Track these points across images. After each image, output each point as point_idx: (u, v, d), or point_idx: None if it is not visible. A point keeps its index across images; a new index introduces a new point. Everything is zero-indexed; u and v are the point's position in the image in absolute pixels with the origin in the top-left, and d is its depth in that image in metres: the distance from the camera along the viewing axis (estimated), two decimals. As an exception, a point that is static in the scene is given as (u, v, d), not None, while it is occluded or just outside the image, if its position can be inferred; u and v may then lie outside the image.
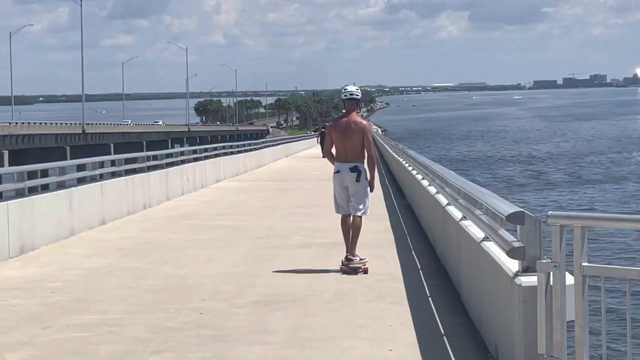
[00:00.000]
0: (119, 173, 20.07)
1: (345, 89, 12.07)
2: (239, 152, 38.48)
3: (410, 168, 21.91)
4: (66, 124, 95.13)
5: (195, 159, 28.54)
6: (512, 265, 6.52)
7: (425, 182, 16.56)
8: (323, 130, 59.99)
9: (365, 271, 11.44)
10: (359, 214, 11.66)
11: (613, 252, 26.09)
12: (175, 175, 24.47)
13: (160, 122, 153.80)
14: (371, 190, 11.89)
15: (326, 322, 8.69)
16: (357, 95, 12.03)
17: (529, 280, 6.01)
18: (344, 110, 12.07)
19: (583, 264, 5.46)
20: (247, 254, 13.41)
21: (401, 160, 27.55)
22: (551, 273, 5.71)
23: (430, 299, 9.83)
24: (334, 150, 12.02)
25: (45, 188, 15.88)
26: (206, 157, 30.35)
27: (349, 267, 11.51)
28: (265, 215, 19.46)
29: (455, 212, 10.78)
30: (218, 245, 14.44)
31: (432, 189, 14.70)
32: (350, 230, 11.67)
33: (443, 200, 12.54)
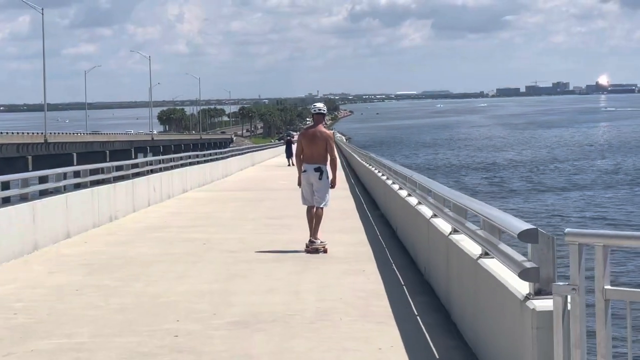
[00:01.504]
0: (84, 184, 19.38)
1: (314, 106, 15.07)
2: (205, 161, 37.79)
3: (385, 177, 21.38)
4: (28, 133, 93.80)
5: (162, 169, 27.86)
6: (520, 286, 5.99)
7: (403, 192, 16.03)
8: (289, 139, 59.70)
9: (325, 251, 14.19)
10: (321, 205, 14.58)
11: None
12: (141, 185, 23.80)
13: (155, 132, 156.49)
14: (332, 187, 14.82)
15: (310, 345, 8.11)
16: (323, 110, 15.05)
17: (543, 304, 5.47)
18: (310, 122, 15.19)
19: (605, 287, 4.95)
20: (220, 269, 12.81)
21: (373, 169, 27.01)
22: (569, 297, 5.19)
23: (418, 318, 9.28)
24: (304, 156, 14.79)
25: (6, 201, 15.21)
26: (173, 167, 29.69)
27: (312, 248, 14.22)
28: (236, 227, 18.86)
29: (443, 225, 10.26)
30: (189, 260, 13.81)
31: (413, 200, 14.17)
32: (314, 218, 14.48)
33: (427, 212, 12.01)
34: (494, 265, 7.00)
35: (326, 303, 10.05)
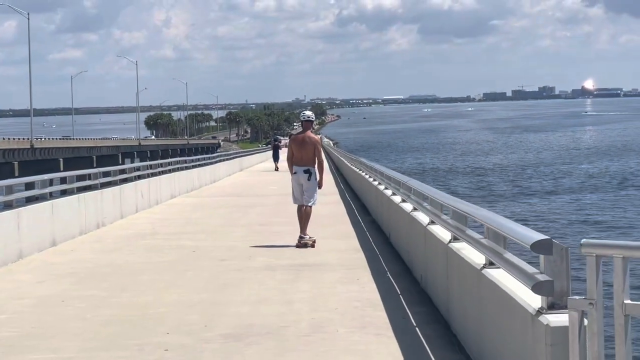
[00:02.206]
0: (70, 190, 19.01)
1: (304, 113, 16.64)
2: (193, 166, 37.40)
3: (376, 183, 21.05)
4: (14, 138, 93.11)
5: (150, 174, 27.50)
6: (530, 299, 5.67)
7: (397, 198, 15.71)
8: (276, 143, 59.36)
9: (313, 245, 15.60)
10: (309, 204, 16.07)
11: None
12: (129, 191, 23.43)
13: (152, 137, 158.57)
14: (319, 188, 16.21)
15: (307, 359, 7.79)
16: (312, 118, 16.56)
17: (558, 319, 5.15)
18: (299, 128, 16.73)
19: (625, 301, 4.64)
20: (210, 278, 12.46)
21: (364, 174, 26.67)
22: (585, 312, 4.88)
23: (417, 329, 8.96)
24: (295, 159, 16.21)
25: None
26: (161, 172, 29.31)
27: (301, 243, 15.64)
28: (226, 234, 18.51)
29: (441, 233, 9.94)
30: (179, 269, 13.46)
31: (408, 206, 13.84)
32: (303, 216, 15.86)
33: (423, 218, 11.70)
34: (499, 275, 6.69)
35: (321, 314, 9.72)
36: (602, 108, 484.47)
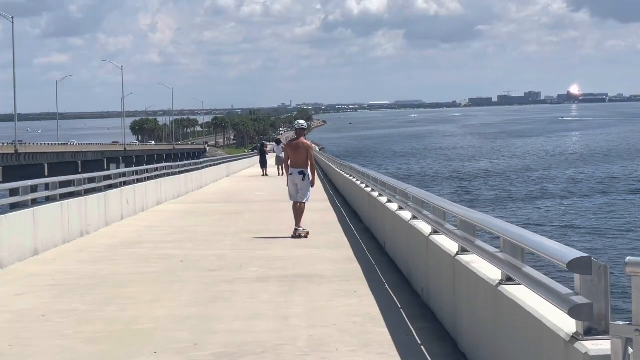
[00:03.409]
0: (53, 197, 18.34)
1: (298, 122, 19.47)
2: (180, 172, 36.69)
3: (369, 189, 20.44)
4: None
5: (136, 180, 26.83)
6: (562, 322, 5.08)
7: (393, 206, 15.10)
8: (263, 148, 58.83)
9: (306, 236, 17.74)
10: (304, 201, 18.32)
11: None
12: (114, 198, 22.76)
13: (152, 142, 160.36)
14: (312, 186, 18.52)
15: (306, 382, 7.19)
16: (305, 126, 19.32)
17: (598, 347, 4.57)
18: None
19: (678, 328, 4.07)
20: (200, 291, 11.82)
21: (355, 180, 26.04)
22: (630, 339, 4.29)
23: (423, 347, 8.35)
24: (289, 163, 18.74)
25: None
26: (147, 178, 28.64)
27: (296, 234, 17.76)
28: (215, 242, 17.87)
29: (446, 244, 9.34)
30: (166, 280, 12.82)
31: (406, 214, 13.22)
32: (298, 211, 18.10)
33: (424, 227, 11.09)
34: (520, 293, 6.09)
35: (319, 330, 9.11)
36: (586, 113, 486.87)
